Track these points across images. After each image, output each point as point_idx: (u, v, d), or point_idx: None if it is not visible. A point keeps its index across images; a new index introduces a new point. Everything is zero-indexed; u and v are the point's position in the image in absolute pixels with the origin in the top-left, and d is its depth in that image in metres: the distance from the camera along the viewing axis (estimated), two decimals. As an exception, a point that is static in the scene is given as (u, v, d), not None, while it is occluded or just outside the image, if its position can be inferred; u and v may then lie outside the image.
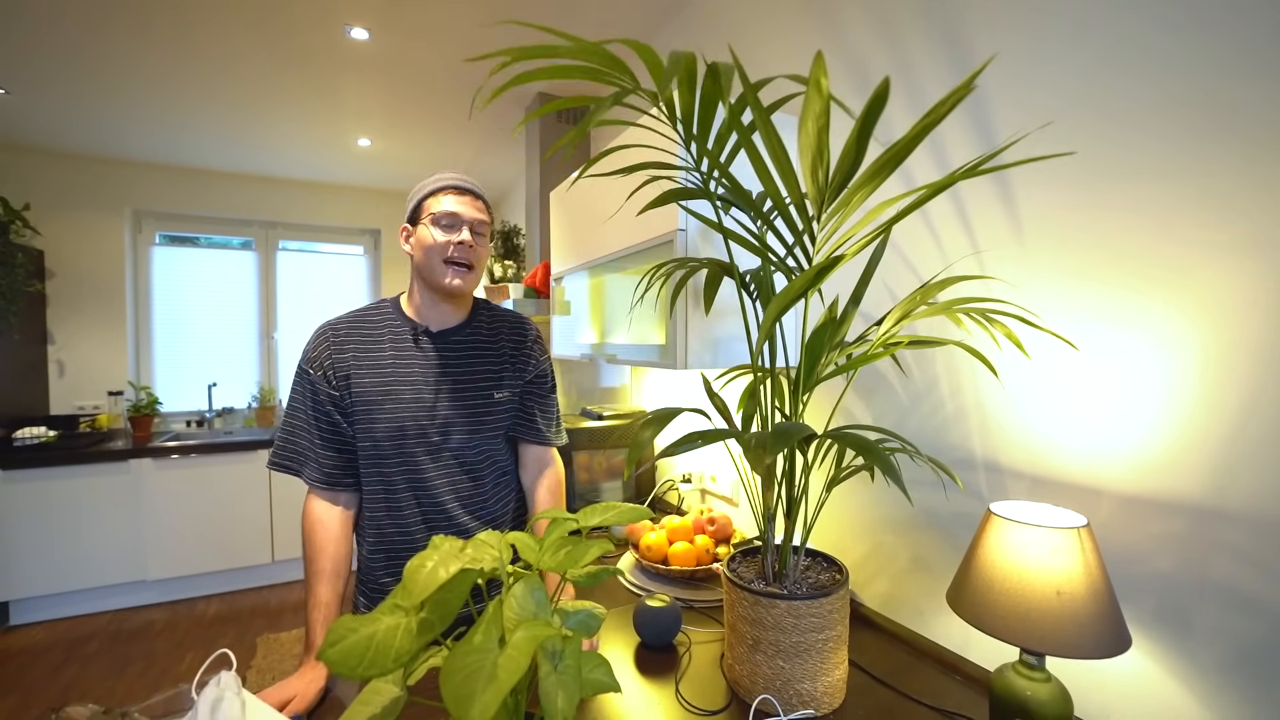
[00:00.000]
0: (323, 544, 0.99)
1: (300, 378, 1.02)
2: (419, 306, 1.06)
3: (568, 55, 0.67)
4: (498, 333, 1.12)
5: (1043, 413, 0.86)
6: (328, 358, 1.00)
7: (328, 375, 1.00)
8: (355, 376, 1.00)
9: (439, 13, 1.85)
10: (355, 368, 1.00)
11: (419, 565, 0.51)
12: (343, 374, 1.00)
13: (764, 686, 0.84)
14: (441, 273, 1.00)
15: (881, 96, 0.59)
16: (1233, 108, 0.66)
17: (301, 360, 1.02)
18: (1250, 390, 0.66)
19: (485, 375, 1.09)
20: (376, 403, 1.00)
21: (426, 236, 0.99)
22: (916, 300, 0.81)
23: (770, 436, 0.68)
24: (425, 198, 1.01)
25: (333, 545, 1.00)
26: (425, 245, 0.99)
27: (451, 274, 1.00)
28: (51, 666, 2.38)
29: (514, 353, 1.13)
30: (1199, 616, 0.70)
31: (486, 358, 1.09)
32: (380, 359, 1.02)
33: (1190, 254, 0.70)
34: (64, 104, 2.52)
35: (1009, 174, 0.88)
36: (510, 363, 1.12)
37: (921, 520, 1.05)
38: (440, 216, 0.98)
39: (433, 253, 0.99)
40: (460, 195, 1.01)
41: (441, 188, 1.01)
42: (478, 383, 1.08)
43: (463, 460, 1.06)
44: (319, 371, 1.00)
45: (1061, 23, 0.82)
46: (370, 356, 1.02)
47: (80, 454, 2.75)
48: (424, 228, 1.00)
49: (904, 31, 1.06)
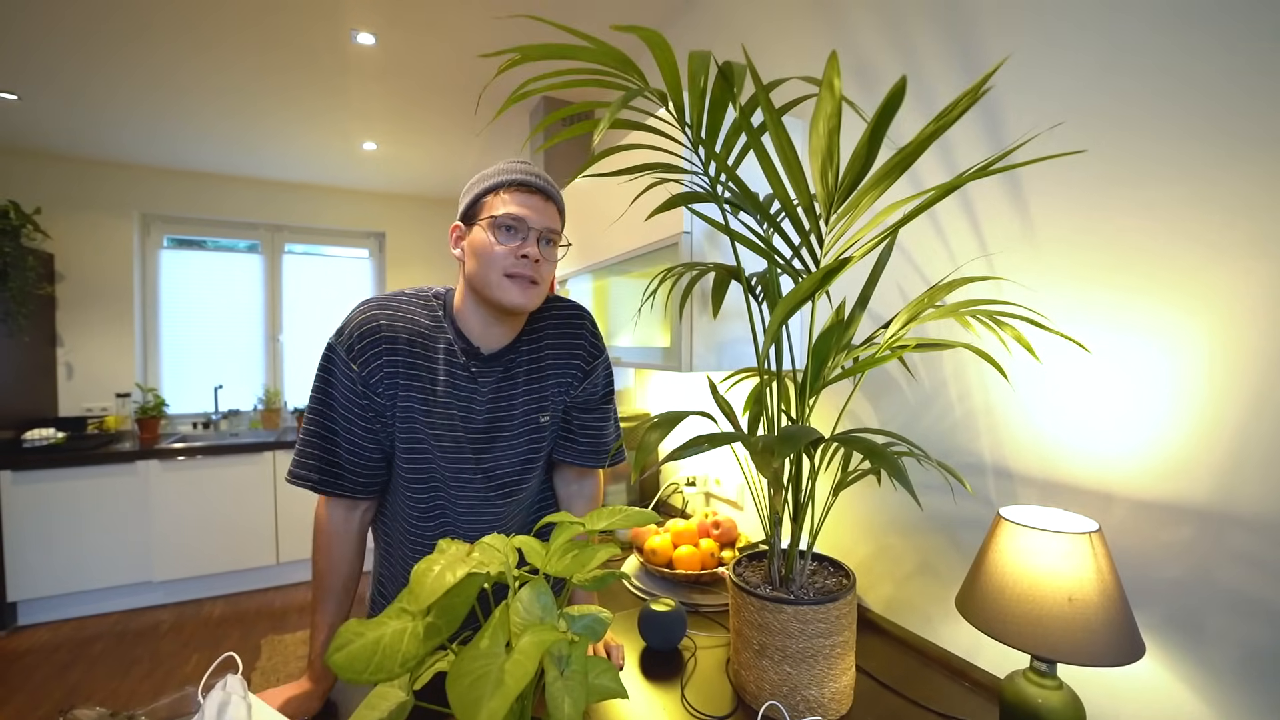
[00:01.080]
0: (336, 562, 0.89)
1: (334, 365, 0.85)
2: (469, 322, 0.88)
3: (579, 55, 0.67)
4: (540, 336, 0.95)
5: (1053, 416, 0.85)
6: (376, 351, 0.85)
7: (374, 374, 0.85)
8: (404, 385, 0.86)
9: (445, 16, 1.86)
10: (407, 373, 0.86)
11: (426, 569, 0.50)
12: (392, 376, 0.85)
13: (770, 692, 0.83)
14: (498, 287, 0.82)
15: (898, 95, 0.59)
16: (1240, 110, 0.66)
17: (338, 344, 0.85)
18: (1258, 393, 0.65)
19: (531, 399, 0.94)
20: (423, 424, 0.87)
21: (483, 242, 0.81)
22: (925, 303, 0.80)
23: (778, 440, 0.68)
24: (485, 193, 0.83)
25: (345, 564, 0.90)
26: (481, 253, 0.82)
27: (511, 289, 0.82)
28: (58, 667, 2.39)
29: (561, 366, 0.96)
30: (1211, 622, 0.69)
31: (532, 376, 0.93)
32: (434, 372, 0.87)
33: (1198, 256, 0.70)
34: (72, 108, 2.54)
35: (1019, 176, 0.88)
36: (556, 375, 0.96)
37: (929, 525, 1.04)
38: (502, 220, 0.81)
39: (490, 264, 0.81)
40: (529, 194, 0.82)
41: (506, 183, 0.82)
42: (525, 410, 0.93)
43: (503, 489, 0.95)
44: (364, 367, 0.84)
45: (1069, 26, 0.82)
46: (426, 366, 0.87)
47: (88, 455, 2.76)
48: (480, 230, 0.82)
49: (912, 34, 1.05)
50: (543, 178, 0.85)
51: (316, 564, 0.90)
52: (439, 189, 3.86)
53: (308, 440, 0.87)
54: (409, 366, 0.86)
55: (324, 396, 0.86)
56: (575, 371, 0.97)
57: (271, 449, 3.11)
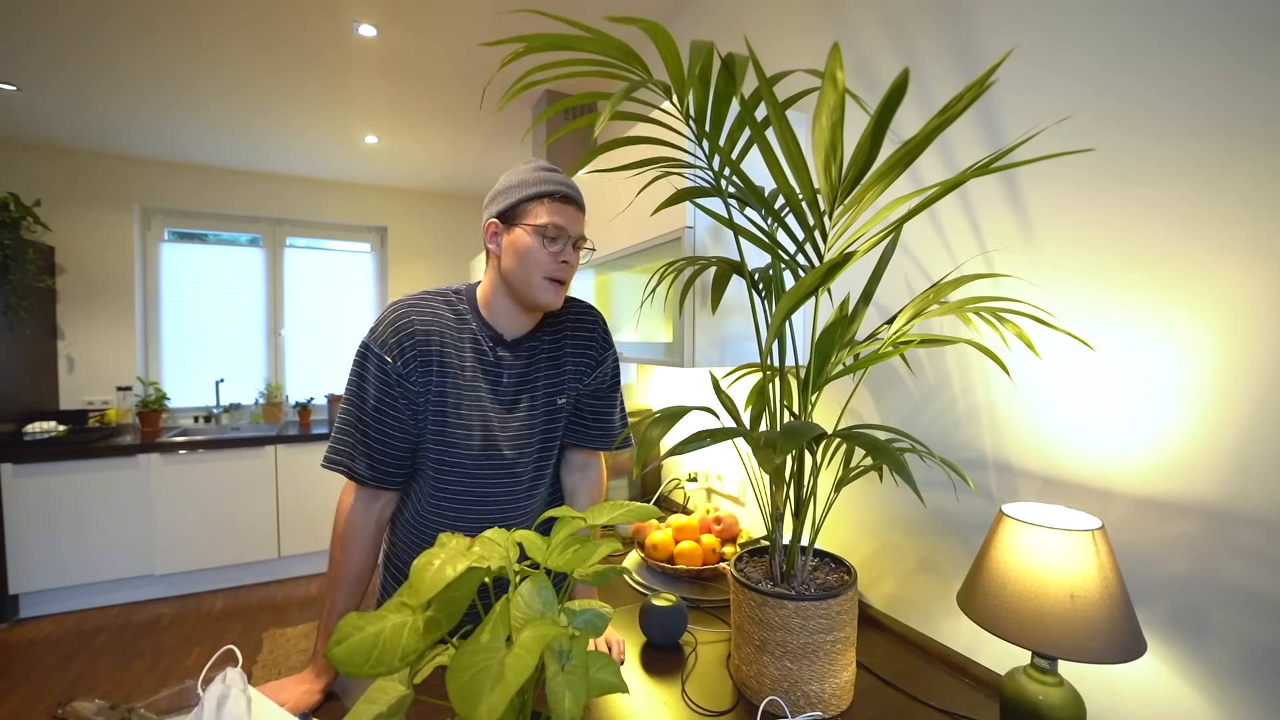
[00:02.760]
0: (351, 551, 0.93)
1: (368, 362, 0.92)
2: (496, 313, 0.97)
3: (581, 45, 0.66)
4: (560, 330, 1.04)
5: (1055, 413, 0.85)
6: (410, 344, 0.92)
7: (408, 364, 0.92)
8: (439, 373, 0.93)
9: (446, 9, 1.84)
10: (440, 363, 0.93)
11: (426, 563, 0.50)
12: (426, 366, 0.93)
13: (771, 687, 0.83)
14: (541, 288, 0.92)
15: (900, 87, 0.58)
16: (1241, 109, 0.65)
17: (373, 341, 0.92)
18: (1261, 390, 0.65)
19: (551, 382, 1.02)
20: (457, 405, 0.94)
21: (528, 245, 0.90)
22: (929, 299, 0.80)
23: (780, 435, 0.67)
24: (529, 199, 0.91)
25: (361, 554, 0.94)
26: (524, 255, 0.91)
27: (551, 291, 0.93)
28: (60, 659, 2.40)
29: (576, 354, 1.05)
30: (1214, 619, 0.69)
31: (551, 363, 1.02)
32: (463, 360, 0.95)
33: (1202, 254, 0.69)
34: (73, 100, 2.53)
35: (1017, 175, 0.87)
36: (572, 364, 1.04)
37: (930, 521, 1.04)
38: (548, 229, 0.90)
39: (533, 266, 0.91)
40: (567, 204, 0.92)
41: (550, 193, 0.91)
42: (545, 392, 1.01)
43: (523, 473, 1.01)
44: (398, 359, 0.91)
45: (1069, 25, 0.81)
46: (456, 355, 0.95)
47: (89, 449, 2.77)
48: (524, 234, 0.90)
49: (914, 32, 1.04)
50: (578, 191, 0.96)
51: (332, 553, 0.95)
52: (441, 182, 3.84)
53: (342, 429, 0.94)
54: (441, 355, 0.94)
55: (358, 390, 0.93)
56: (589, 362, 1.06)
57: (273, 443, 3.11)
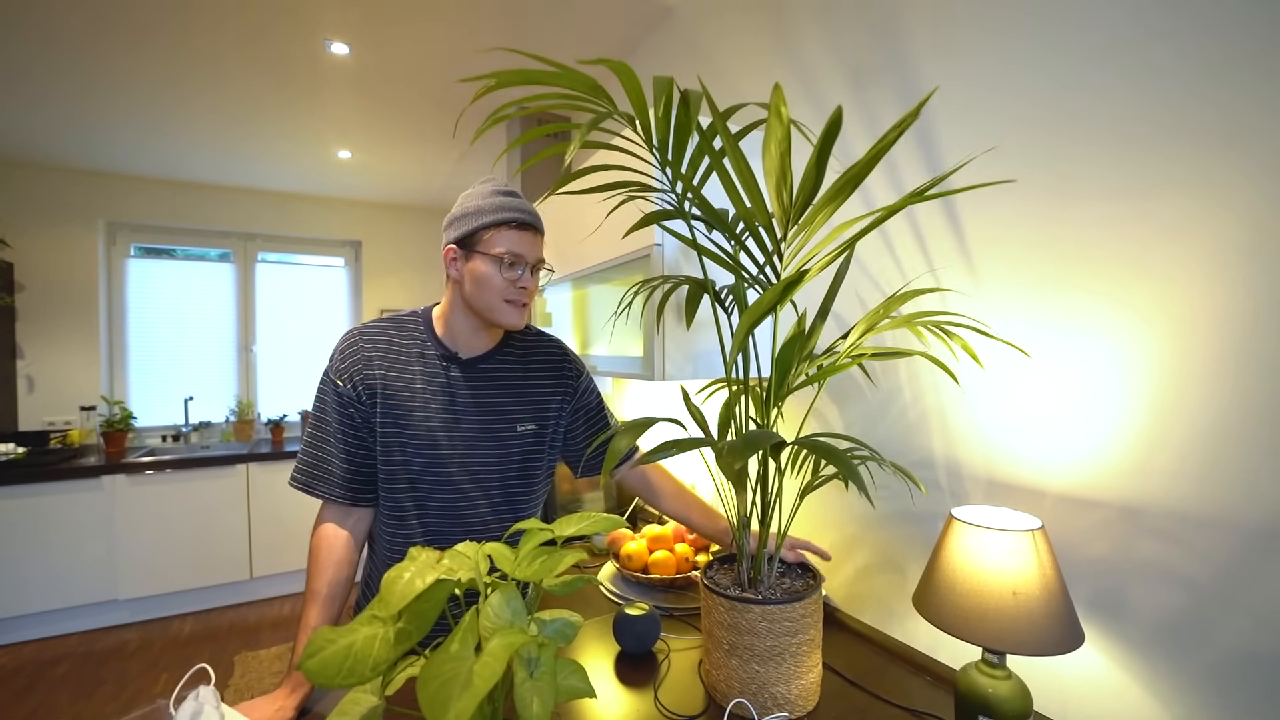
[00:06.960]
0: (323, 566, 0.96)
1: (327, 387, 0.98)
2: (454, 331, 1.01)
3: (550, 81, 0.70)
4: (530, 362, 1.08)
5: (995, 417, 0.90)
6: (358, 369, 0.97)
7: (356, 387, 0.96)
8: (384, 393, 0.97)
9: (418, 28, 1.87)
10: (384, 383, 0.97)
11: (396, 576, 0.52)
12: (371, 387, 0.96)
13: (739, 690, 0.86)
14: (501, 312, 0.96)
15: (835, 124, 0.63)
16: (1177, 126, 0.71)
17: (329, 368, 0.98)
18: (1166, 393, 0.71)
19: (510, 407, 1.04)
20: (404, 422, 0.97)
21: (486, 273, 0.94)
22: (880, 314, 0.84)
23: (740, 443, 0.71)
24: (487, 227, 0.94)
25: (332, 569, 0.96)
26: (482, 281, 0.94)
27: (510, 312, 0.96)
28: (16, 692, 2.30)
29: (547, 386, 1.08)
30: (1130, 595, 0.76)
31: (514, 388, 1.05)
32: (410, 380, 0.98)
33: (1110, 285, 0.76)
34: (32, 112, 2.48)
35: (952, 198, 0.94)
36: (541, 396, 1.07)
37: (892, 523, 1.08)
38: (506, 256, 0.93)
39: (492, 292, 0.94)
40: (524, 232, 0.95)
41: (507, 220, 0.94)
42: (502, 414, 1.03)
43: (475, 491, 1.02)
44: (347, 383, 0.96)
45: (999, 55, 0.88)
46: (400, 375, 0.98)
47: (50, 471, 2.68)
48: (483, 262, 0.94)
49: (856, 56, 1.11)
50: (536, 217, 0.98)
51: (307, 569, 0.97)
52: (416, 196, 3.84)
53: (305, 451, 1.00)
54: (386, 359, 0.99)
55: (321, 412, 0.99)
56: (565, 384, 1.10)
57: (244, 461, 3.05)
